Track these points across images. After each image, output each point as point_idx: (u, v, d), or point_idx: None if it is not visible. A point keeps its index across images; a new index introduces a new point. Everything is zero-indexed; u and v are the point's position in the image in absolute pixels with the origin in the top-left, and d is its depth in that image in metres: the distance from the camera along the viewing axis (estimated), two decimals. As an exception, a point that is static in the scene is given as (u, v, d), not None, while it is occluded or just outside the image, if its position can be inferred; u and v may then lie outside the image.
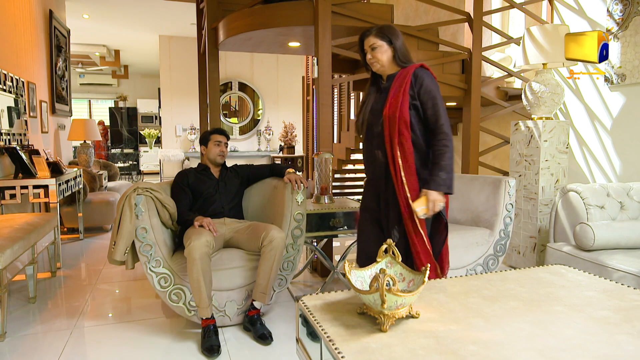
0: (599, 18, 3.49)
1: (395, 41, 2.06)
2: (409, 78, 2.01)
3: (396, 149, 2.00)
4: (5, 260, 2.36)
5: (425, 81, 2.01)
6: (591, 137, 3.60)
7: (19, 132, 4.09)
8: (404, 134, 1.98)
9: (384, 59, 2.06)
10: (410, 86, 2.01)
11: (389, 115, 2.00)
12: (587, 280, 1.76)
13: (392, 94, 2.03)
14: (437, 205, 1.95)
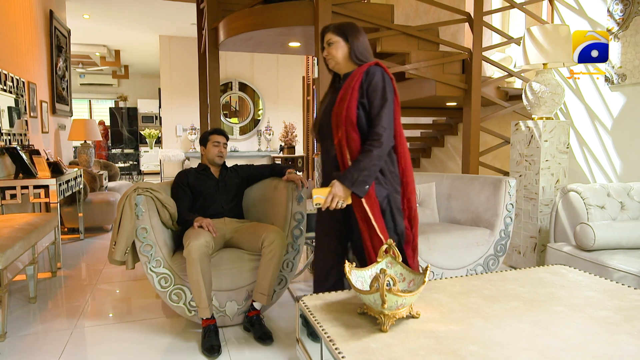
0: (599, 18, 3.49)
1: (352, 38, 1.97)
2: (359, 76, 1.91)
3: (345, 151, 1.89)
4: (6, 260, 2.36)
5: (375, 79, 1.89)
6: (592, 137, 3.60)
7: (19, 132, 4.10)
8: (351, 135, 1.87)
9: (339, 56, 1.98)
10: (360, 84, 1.90)
11: (336, 114, 1.90)
12: (587, 280, 1.76)
13: (341, 92, 1.93)
14: (334, 200, 1.81)
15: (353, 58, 1.97)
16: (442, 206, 3.31)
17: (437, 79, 3.65)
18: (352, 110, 1.87)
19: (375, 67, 1.93)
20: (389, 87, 1.91)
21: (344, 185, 1.81)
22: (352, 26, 2.01)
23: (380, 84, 1.89)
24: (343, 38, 1.97)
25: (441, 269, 2.86)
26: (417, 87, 3.99)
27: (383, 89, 1.88)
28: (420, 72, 3.60)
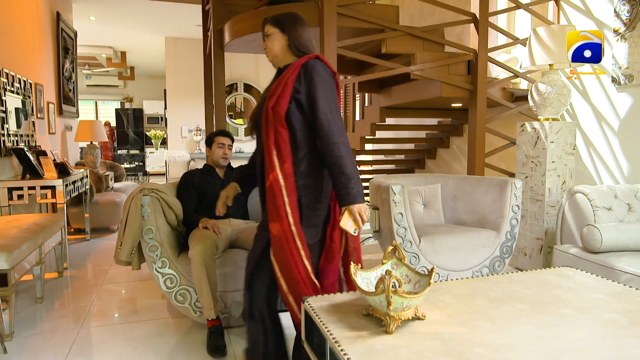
0: (606, 18, 3.47)
1: (289, 29, 1.82)
2: (296, 69, 1.75)
3: (272, 149, 1.73)
4: (13, 260, 2.38)
5: (315, 73, 1.72)
6: (598, 138, 3.58)
7: (26, 133, 4.13)
8: (280, 132, 1.72)
9: (276, 49, 1.84)
10: (296, 78, 1.74)
11: (266, 110, 1.75)
12: (594, 282, 1.74)
13: (274, 86, 1.78)
14: (364, 215, 1.69)
15: (293, 49, 1.83)
16: (447, 207, 3.30)
17: (443, 80, 3.65)
18: (283, 105, 1.72)
19: (314, 61, 1.76)
20: (332, 85, 1.77)
21: (356, 203, 1.68)
22: (291, 17, 1.87)
23: (320, 79, 1.72)
24: (280, 29, 1.83)
25: (446, 271, 2.85)
26: (423, 88, 3.99)
27: (325, 84, 1.73)
28: (426, 73, 3.59)
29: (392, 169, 5.96)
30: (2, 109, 3.57)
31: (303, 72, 1.74)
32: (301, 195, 1.75)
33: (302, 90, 1.72)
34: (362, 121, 5.23)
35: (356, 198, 1.67)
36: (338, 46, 3.31)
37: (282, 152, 1.71)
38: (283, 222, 1.69)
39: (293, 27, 1.83)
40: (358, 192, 1.68)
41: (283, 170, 1.71)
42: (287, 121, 1.73)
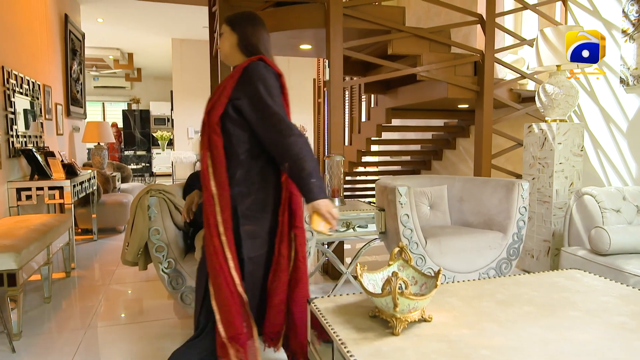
0: (614, 19, 3.45)
1: (239, 28, 1.74)
2: (237, 73, 1.66)
3: (206, 155, 1.66)
4: (22, 260, 2.40)
5: (258, 79, 1.63)
6: (606, 140, 3.55)
7: (34, 134, 4.16)
8: (213, 138, 1.64)
9: (225, 47, 1.77)
10: (236, 82, 1.65)
11: (204, 116, 1.68)
12: (602, 285, 1.73)
13: (215, 89, 1.71)
14: (332, 212, 1.59)
15: (242, 49, 1.74)
16: (453, 209, 3.29)
17: (449, 81, 3.63)
18: (218, 110, 1.64)
19: (256, 63, 1.67)
20: (272, 84, 1.65)
21: (319, 199, 1.58)
22: (244, 15, 1.78)
23: (261, 82, 1.62)
24: (230, 28, 1.75)
25: (453, 273, 2.84)
26: (429, 89, 3.98)
27: (266, 87, 1.62)
28: (432, 74, 3.59)
29: (398, 170, 5.94)
30: (11, 110, 3.61)
31: (244, 76, 1.65)
32: (237, 203, 1.65)
33: (241, 96, 1.63)
34: (368, 122, 5.23)
35: (318, 194, 1.58)
36: (344, 47, 3.31)
37: (215, 159, 1.64)
38: (212, 231, 1.63)
39: (243, 26, 1.75)
40: (320, 188, 1.59)
41: (216, 178, 1.64)
42: (224, 127, 1.66)
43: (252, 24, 1.76)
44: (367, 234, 2.99)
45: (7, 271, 2.34)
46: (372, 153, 5.60)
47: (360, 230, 2.97)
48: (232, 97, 1.64)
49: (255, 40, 1.75)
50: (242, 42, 1.74)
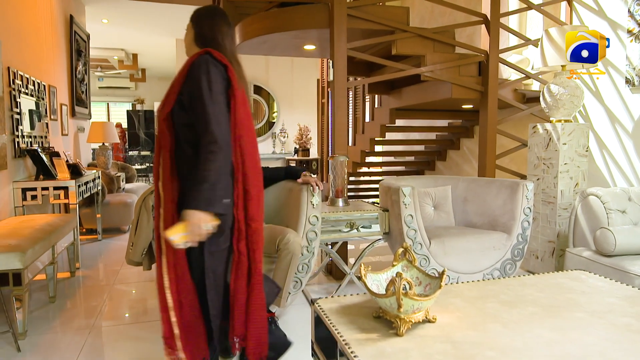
0: (619, 19, 3.43)
1: (197, 22, 1.73)
2: (184, 68, 1.64)
3: (158, 154, 1.64)
4: (27, 260, 2.41)
5: (196, 71, 1.58)
6: (612, 140, 3.53)
7: (40, 135, 4.18)
8: (165, 137, 1.63)
9: (186, 42, 1.78)
10: (184, 77, 1.62)
11: (157, 112, 1.68)
12: (608, 286, 1.72)
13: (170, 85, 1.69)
14: (200, 228, 1.49)
15: (198, 43, 1.72)
16: (458, 209, 3.28)
17: (453, 82, 3.63)
18: (167, 107, 1.62)
19: (202, 56, 1.61)
20: (215, 79, 1.58)
21: (198, 209, 1.50)
22: (204, 9, 1.77)
23: (203, 77, 1.56)
24: (191, 22, 1.76)
25: (457, 273, 2.83)
26: (433, 90, 3.97)
27: (208, 82, 1.56)
28: (436, 74, 3.58)
29: (402, 171, 5.94)
30: (17, 110, 3.63)
31: (190, 71, 1.61)
32: (182, 201, 1.59)
33: (185, 92, 1.60)
34: (372, 123, 5.22)
35: (198, 203, 1.49)
36: (348, 47, 3.31)
37: (162, 157, 1.63)
38: (158, 231, 1.64)
39: (201, 20, 1.74)
40: (207, 200, 1.50)
41: (163, 176, 1.63)
42: (171, 124, 1.63)
43: (210, 17, 1.74)
44: (371, 234, 2.99)
45: (12, 271, 2.35)
46: (376, 153, 5.60)
47: (364, 231, 2.97)
48: (179, 92, 1.62)
49: (212, 34, 1.72)
50: (199, 36, 1.73)
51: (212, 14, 1.76)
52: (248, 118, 1.68)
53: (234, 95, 1.63)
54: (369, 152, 5.19)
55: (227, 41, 1.73)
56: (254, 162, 1.68)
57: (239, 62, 1.73)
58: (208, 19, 1.74)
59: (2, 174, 3.35)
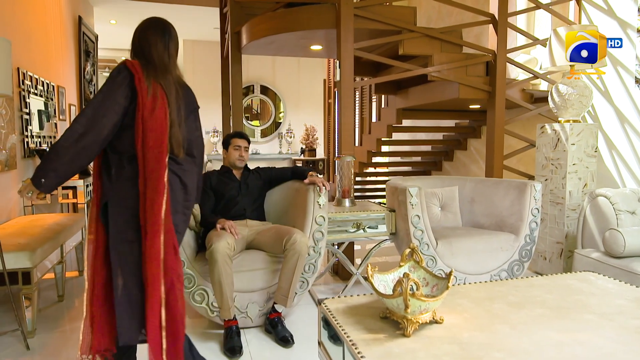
0: (629, 18, 3.40)
1: (133, 33, 1.86)
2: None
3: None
4: (36, 259, 2.43)
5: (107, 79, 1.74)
6: (621, 140, 3.50)
7: (49, 135, 4.22)
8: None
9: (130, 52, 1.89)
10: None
11: None
12: (617, 288, 1.70)
13: None
14: (24, 192, 1.72)
15: (131, 54, 1.84)
16: (465, 210, 3.26)
17: (461, 82, 3.61)
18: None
19: (116, 66, 1.75)
20: (111, 86, 1.69)
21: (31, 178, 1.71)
22: (144, 21, 1.88)
23: (107, 80, 1.71)
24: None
25: (464, 274, 2.82)
26: (440, 90, 3.95)
27: (104, 85, 1.70)
28: (443, 74, 3.57)
29: (409, 171, 5.92)
30: (26, 111, 3.66)
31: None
32: (106, 198, 1.72)
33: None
34: (379, 123, 5.21)
35: (34, 173, 1.70)
36: (355, 48, 3.31)
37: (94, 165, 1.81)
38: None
39: (135, 32, 1.86)
40: (38, 170, 1.69)
41: (93, 177, 1.83)
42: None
43: (142, 29, 1.86)
44: (378, 234, 2.99)
45: (21, 269, 2.37)
46: (382, 154, 5.58)
47: (370, 231, 2.97)
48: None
49: (140, 44, 1.83)
50: (131, 46, 1.84)
51: (146, 25, 1.87)
52: (158, 122, 1.72)
53: (139, 103, 1.70)
54: (375, 152, 5.18)
55: (155, 50, 1.82)
56: (154, 153, 1.71)
57: (167, 69, 1.81)
58: (140, 30, 1.86)
59: (12, 173, 3.38)
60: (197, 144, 1.91)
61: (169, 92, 1.76)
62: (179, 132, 1.78)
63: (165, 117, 1.73)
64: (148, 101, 1.70)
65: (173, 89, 1.78)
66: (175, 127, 1.76)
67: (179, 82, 1.85)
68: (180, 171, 1.81)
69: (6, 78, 2.20)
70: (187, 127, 1.85)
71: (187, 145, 1.84)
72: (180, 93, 1.82)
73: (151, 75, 1.74)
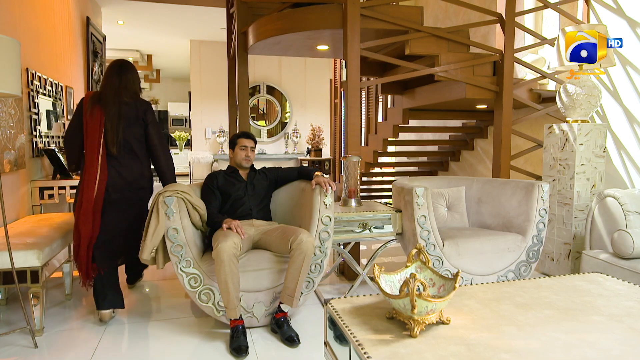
0: (639, 17, 3.36)
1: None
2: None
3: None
4: (44, 258, 2.45)
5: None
6: (630, 141, 3.47)
7: (57, 135, 4.25)
8: None
9: None
10: None
11: None
12: (626, 289, 1.69)
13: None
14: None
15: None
16: (471, 210, 3.25)
17: (467, 82, 3.60)
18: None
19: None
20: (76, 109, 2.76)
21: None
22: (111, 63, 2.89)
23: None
24: None
25: (470, 275, 2.81)
26: (447, 90, 3.94)
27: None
28: (450, 74, 3.55)
29: (415, 171, 5.91)
30: (35, 111, 3.69)
31: None
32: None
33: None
34: (385, 123, 5.20)
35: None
36: (361, 48, 3.30)
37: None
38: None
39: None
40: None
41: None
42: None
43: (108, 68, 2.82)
44: (384, 235, 2.98)
45: (30, 268, 2.39)
46: (388, 154, 5.57)
47: (376, 231, 2.96)
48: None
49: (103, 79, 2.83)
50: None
51: (110, 66, 2.84)
52: (92, 137, 2.65)
53: (84, 121, 2.70)
54: (381, 152, 5.17)
55: (105, 83, 2.78)
56: (91, 161, 2.65)
57: (105, 96, 2.72)
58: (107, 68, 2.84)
59: (21, 173, 3.41)
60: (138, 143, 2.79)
61: (110, 104, 2.69)
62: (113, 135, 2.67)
63: (98, 122, 2.66)
64: (88, 116, 2.69)
65: (110, 103, 2.69)
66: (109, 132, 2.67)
67: (122, 101, 2.72)
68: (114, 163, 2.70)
69: (16, 79, 2.21)
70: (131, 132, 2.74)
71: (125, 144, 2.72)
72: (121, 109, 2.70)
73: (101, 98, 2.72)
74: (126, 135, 2.69)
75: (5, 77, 2.13)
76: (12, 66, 2.17)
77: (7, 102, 3.13)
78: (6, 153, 3.11)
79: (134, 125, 2.72)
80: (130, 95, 2.74)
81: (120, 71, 2.75)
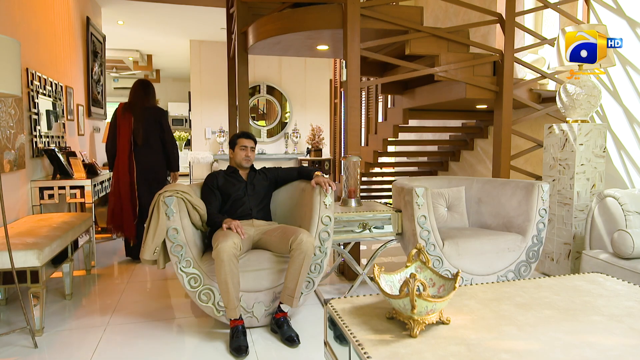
0: (639, 17, 3.36)
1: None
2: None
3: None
4: (44, 257, 2.45)
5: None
6: (630, 141, 3.47)
7: (57, 135, 4.25)
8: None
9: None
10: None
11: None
12: (626, 289, 1.69)
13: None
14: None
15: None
16: (471, 210, 3.25)
17: (467, 82, 3.60)
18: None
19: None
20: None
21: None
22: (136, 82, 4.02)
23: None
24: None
25: (470, 275, 2.81)
26: (447, 90, 3.94)
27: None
28: (450, 74, 3.55)
29: (415, 171, 5.91)
30: (35, 111, 3.69)
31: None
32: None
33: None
34: (385, 123, 5.20)
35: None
36: (361, 48, 3.30)
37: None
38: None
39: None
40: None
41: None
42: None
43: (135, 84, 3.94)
44: (384, 235, 2.98)
45: (30, 268, 2.39)
46: (388, 154, 5.58)
47: (376, 231, 2.96)
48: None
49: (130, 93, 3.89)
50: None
51: (135, 83, 3.95)
52: (124, 135, 3.77)
53: (117, 123, 3.81)
54: (381, 152, 5.17)
55: (133, 95, 3.88)
56: (123, 153, 3.77)
57: (133, 104, 3.83)
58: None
59: (21, 173, 3.41)
60: (155, 138, 3.85)
61: (138, 113, 3.77)
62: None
63: (130, 128, 3.76)
64: (120, 120, 3.80)
65: (139, 111, 3.78)
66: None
67: (145, 107, 3.82)
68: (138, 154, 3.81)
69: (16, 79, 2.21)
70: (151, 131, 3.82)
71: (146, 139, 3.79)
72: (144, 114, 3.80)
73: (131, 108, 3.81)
74: (147, 133, 3.77)
75: (5, 77, 2.13)
76: (12, 66, 2.17)
77: (7, 102, 3.13)
78: (6, 153, 3.11)
79: (152, 126, 3.79)
80: (151, 104, 3.87)
81: (143, 87, 3.90)
